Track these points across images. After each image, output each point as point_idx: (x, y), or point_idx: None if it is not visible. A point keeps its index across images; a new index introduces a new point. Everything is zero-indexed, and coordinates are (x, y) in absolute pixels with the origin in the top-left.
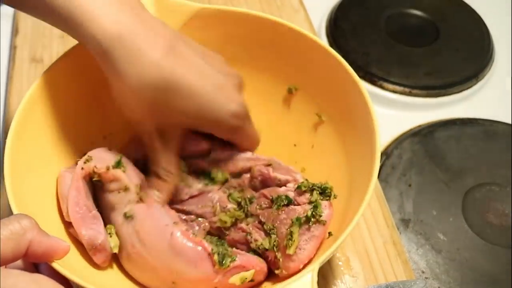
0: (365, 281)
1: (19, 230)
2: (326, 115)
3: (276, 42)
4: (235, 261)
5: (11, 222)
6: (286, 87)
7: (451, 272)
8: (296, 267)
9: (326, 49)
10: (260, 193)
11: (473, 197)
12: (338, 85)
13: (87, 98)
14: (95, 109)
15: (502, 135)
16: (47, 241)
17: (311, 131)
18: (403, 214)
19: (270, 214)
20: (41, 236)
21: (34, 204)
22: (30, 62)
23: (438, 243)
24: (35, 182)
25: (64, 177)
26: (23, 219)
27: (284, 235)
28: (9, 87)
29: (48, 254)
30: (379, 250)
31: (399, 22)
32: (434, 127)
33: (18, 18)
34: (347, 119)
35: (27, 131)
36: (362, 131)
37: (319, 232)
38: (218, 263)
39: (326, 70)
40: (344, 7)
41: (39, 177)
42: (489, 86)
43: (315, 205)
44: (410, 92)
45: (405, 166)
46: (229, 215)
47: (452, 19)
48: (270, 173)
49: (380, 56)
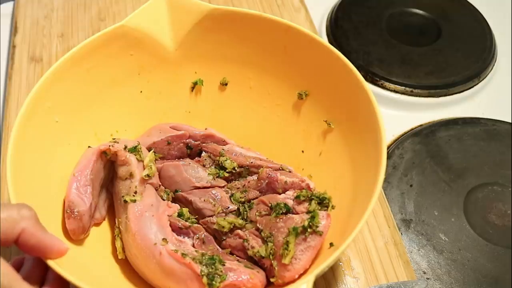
0: (366, 282)
1: (15, 215)
2: (335, 123)
3: (288, 46)
4: (225, 280)
5: (11, 206)
6: (297, 92)
7: (453, 272)
8: (291, 276)
9: (338, 56)
10: (259, 199)
11: (475, 197)
12: (348, 93)
13: (92, 97)
14: (100, 107)
15: (504, 135)
16: (41, 235)
17: (319, 138)
18: (405, 214)
19: (268, 222)
20: (36, 229)
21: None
22: (29, 61)
23: (439, 243)
24: (37, 183)
25: (87, 151)
26: (23, 208)
27: (280, 244)
28: (8, 86)
29: (40, 248)
30: (381, 251)
31: (400, 21)
32: (436, 126)
33: (17, 17)
34: (355, 127)
35: (29, 134)
36: (369, 141)
37: (315, 243)
38: (207, 285)
39: (337, 76)
40: (345, 6)
41: (42, 176)
42: (491, 85)
43: (313, 215)
44: (412, 91)
45: (407, 166)
46: (228, 220)
47: (454, 18)
48: (278, 176)
49: (382, 56)
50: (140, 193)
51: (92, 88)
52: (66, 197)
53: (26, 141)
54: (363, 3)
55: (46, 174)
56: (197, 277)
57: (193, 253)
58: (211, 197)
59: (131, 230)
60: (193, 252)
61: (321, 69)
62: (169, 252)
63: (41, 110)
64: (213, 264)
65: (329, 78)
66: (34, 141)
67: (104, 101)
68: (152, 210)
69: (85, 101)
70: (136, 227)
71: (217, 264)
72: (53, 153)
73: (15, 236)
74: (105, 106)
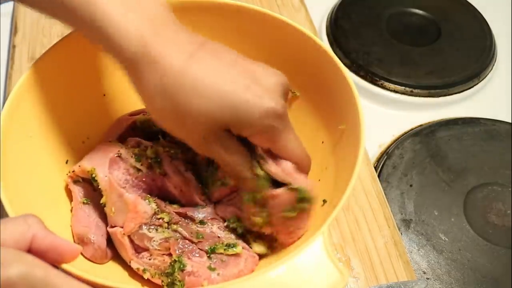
0: (366, 282)
1: (23, 224)
2: (300, 90)
3: (241, 26)
4: (184, 286)
5: (17, 218)
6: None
7: (453, 272)
8: (293, 242)
9: (290, 24)
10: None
11: (475, 197)
12: (309, 59)
13: (73, 97)
14: (83, 108)
15: (504, 135)
16: (53, 237)
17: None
18: (404, 214)
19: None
20: (47, 232)
21: (30, 208)
22: (29, 61)
23: (439, 243)
24: (28, 187)
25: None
26: (29, 217)
27: (280, 221)
28: (8, 86)
29: (55, 249)
30: (380, 251)
31: (400, 21)
32: (436, 126)
33: (17, 17)
34: (322, 90)
35: (13, 135)
36: (341, 100)
37: (309, 207)
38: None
39: (296, 45)
40: (345, 6)
41: (32, 181)
42: (491, 85)
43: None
44: (412, 91)
45: (407, 166)
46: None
47: (453, 18)
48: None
49: (381, 56)
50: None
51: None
52: (73, 231)
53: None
54: (363, 3)
55: (37, 177)
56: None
57: (153, 261)
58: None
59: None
60: (154, 259)
61: (279, 40)
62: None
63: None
64: (172, 274)
65: (288, 48)
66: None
67: (72, 107)
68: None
69: (53, 110)
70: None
71: (175, 274)
72: (36, 166)
73: (28, 243)
74: (74, 113)
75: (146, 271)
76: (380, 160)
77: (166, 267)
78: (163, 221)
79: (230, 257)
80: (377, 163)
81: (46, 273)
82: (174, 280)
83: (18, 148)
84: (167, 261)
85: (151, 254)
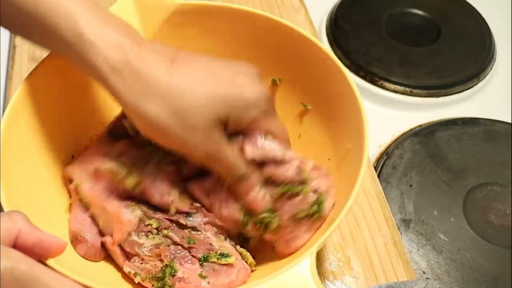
0: (365, 282)
1: (8, 220)
2: (311, 104)
3: (256, 34)
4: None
5: (2, 214)
6: (270, 78)
7: (452, 272)
8: (289, 252)
9: (307, 37)
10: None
11: (475, 197)
12: (323, 74)
13: (71, 100)
14: (80, 110)
15: (503, 135)
16: (38, 232)
17: (296, 121)
18: (404, 214)
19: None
20: (32, 228)
21: (27, 206)
22: (29, 61)
23: (439, 243)
24: (26, 186)
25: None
26: (13, 213)
27: (287, 224)
28: (9, 87)
29: (41, 245)
30: (380, 251)
31: (400, 22)
32: (435, 127)
33: None
34: (333, 106)
35: (13, 137)
36: (349, 118)
37: (318, 225)
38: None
39: (310, 60)
40: (345, 7)
41: (30, 181)
42: (490, 85)
43: (321, 201)
44: (411, 91)
45: (406, 166)
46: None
47: (453, 18)
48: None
49: (381, 56)
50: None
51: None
52: (69, 228)
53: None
54: (363, 3)
55: (36, 177)
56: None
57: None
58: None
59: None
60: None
61: (292, 53)
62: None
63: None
64: (163, 279)
65: (301, 62)
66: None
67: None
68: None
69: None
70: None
71: (166, 279)
72: (37, 161)
73: (13, 239)
74: (83, 110)
75: (137, 275)
76: (379, 160)
77: (158, 271)
78: (152, 227)
79: (222, 266)
80: (376, 163)
81: (30, 267)
82: (164, 285)
83: (18, 148)
84: (158, 265)
85: (142, 259)
